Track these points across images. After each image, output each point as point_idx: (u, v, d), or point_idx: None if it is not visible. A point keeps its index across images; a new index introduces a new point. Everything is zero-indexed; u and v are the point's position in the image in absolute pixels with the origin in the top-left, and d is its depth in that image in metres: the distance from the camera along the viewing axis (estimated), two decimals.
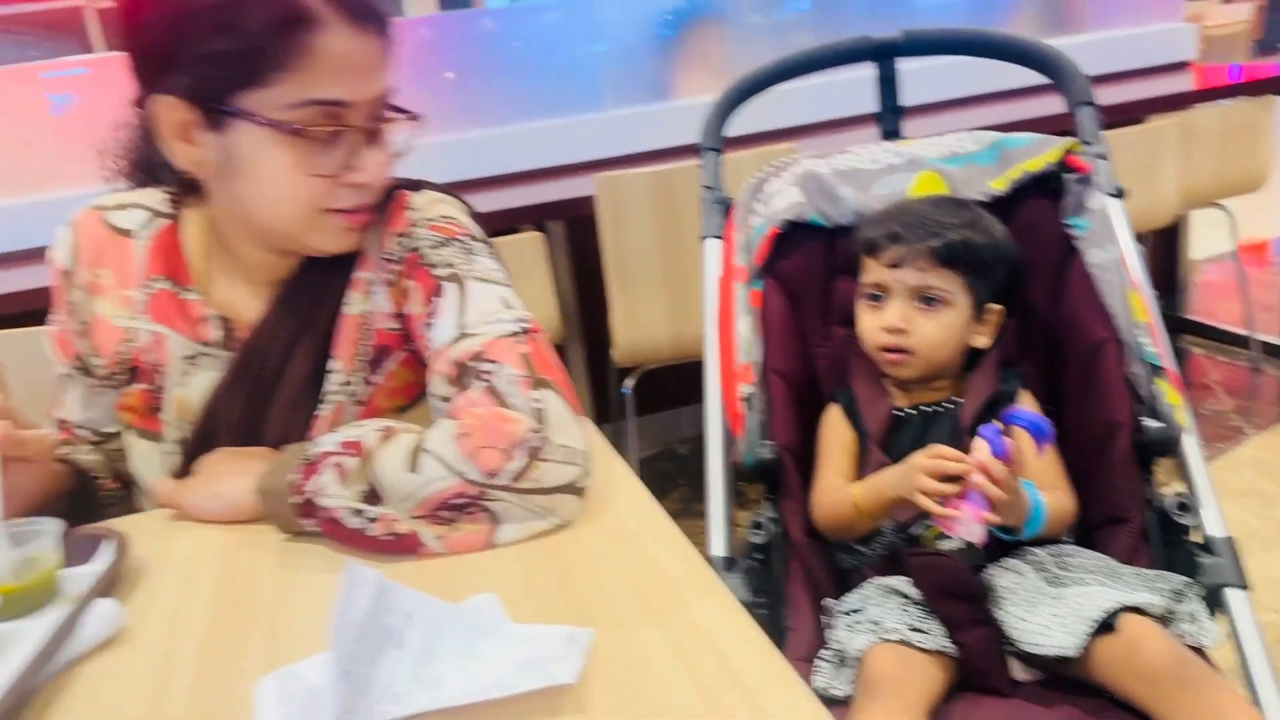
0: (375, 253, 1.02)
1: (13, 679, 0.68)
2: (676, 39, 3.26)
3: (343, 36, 0.89)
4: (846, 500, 1.12)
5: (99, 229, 1.05)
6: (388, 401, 1.04)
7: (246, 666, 0.71)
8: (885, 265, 1.18)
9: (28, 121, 3.06)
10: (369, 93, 0.93)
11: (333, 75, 0.89)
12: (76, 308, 1.05)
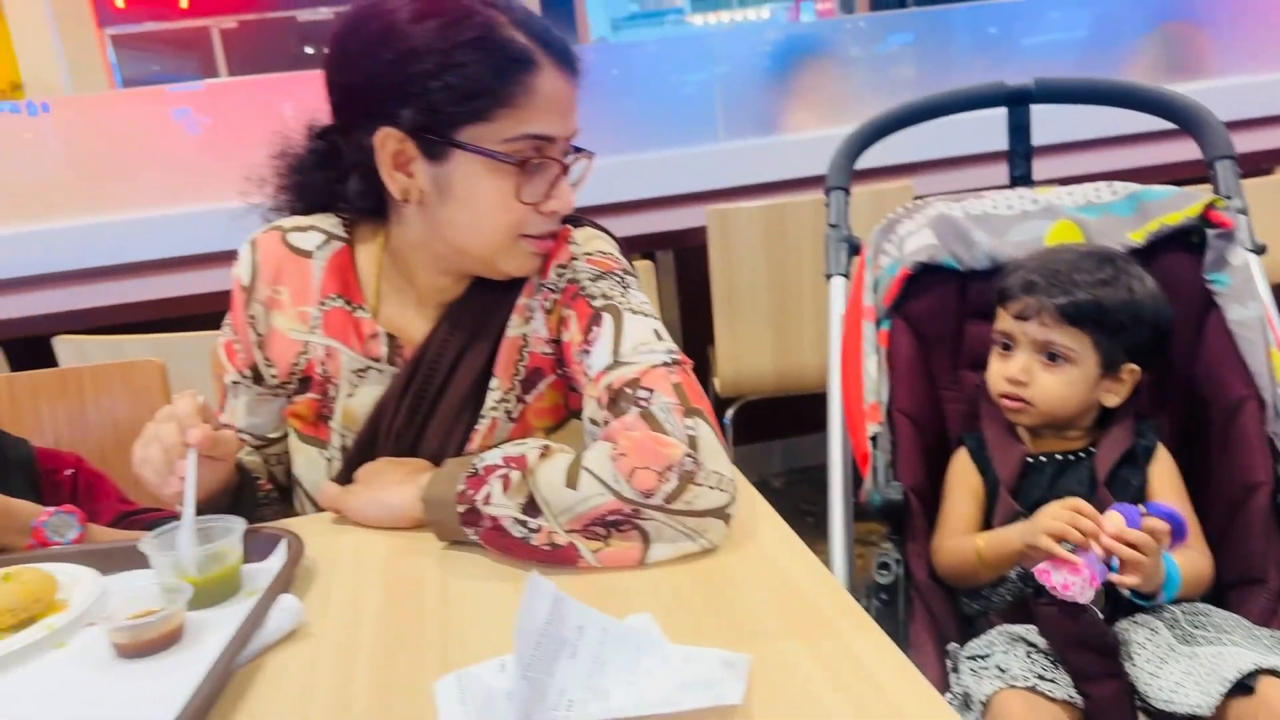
0: (537, 281, 1.08)
1: (210, 665, 0.74)
2: (785, 73, 3.31)
3: (553, 78, 0.98)
4: (970, 549, 1.13)
5: (279, 248, 1.13)
6: (537, 421, 1.09)
7: (423, 666, 0.75)
8: (1013, 316, 1.19)
9: (158, 139, 3.25)
10: (569, 129, 1.01)
11: (545, 112, 0.98)
12: (255, 321, 1.13)
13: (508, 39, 0.96)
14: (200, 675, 0.73)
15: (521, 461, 0.89)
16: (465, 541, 0.92)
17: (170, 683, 0.75)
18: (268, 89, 3.61)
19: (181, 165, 3.29)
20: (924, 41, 3.48)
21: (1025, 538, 1.06)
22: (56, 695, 0.76)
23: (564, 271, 1.07)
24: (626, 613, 0.78)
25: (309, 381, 1.11)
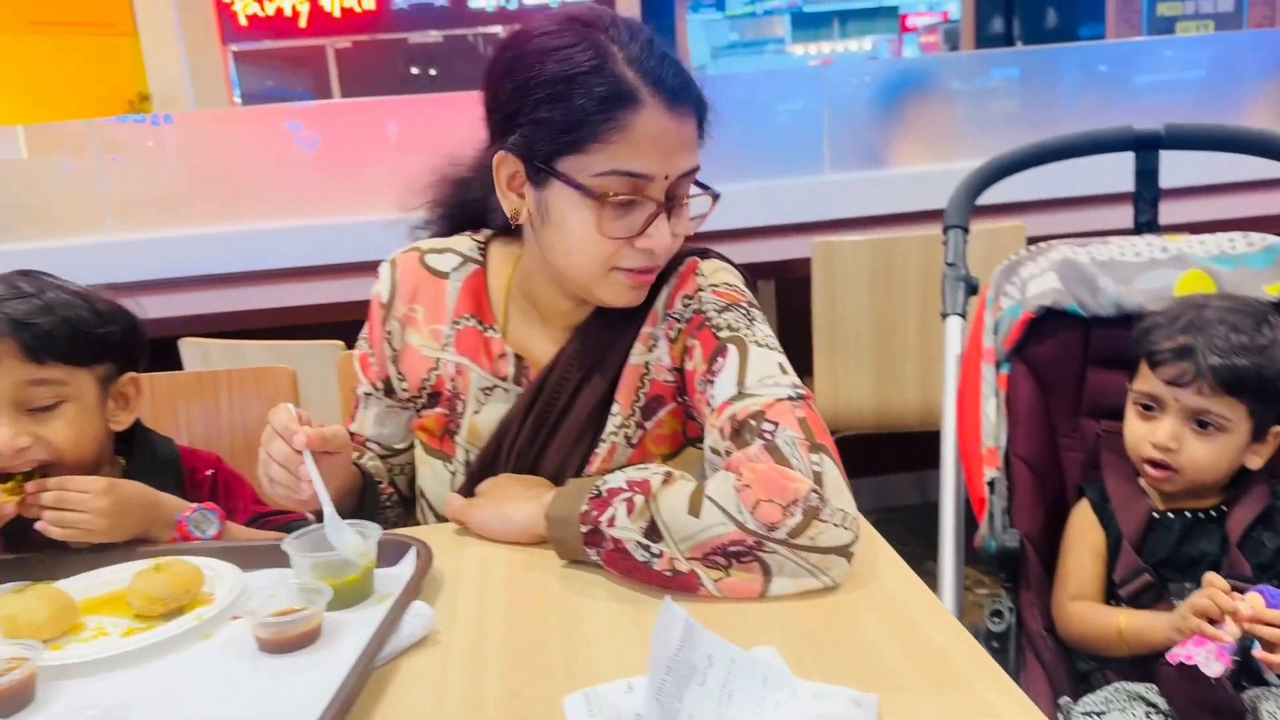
0: (662, 310, 1.10)
1: (351, 665, 0.77)
2: (891, 107, 3.29)
3: (656, 117, 0.97)
4: (1110, 626, 1.10)
5: (417, 268, 1.17)
6: (655, 448, 1.11)
7: (550, 680, 0.77)
8: (1165, 380, 1.13)
9: (273, 154, 3.40)
10: (672, 169, 1.00)
11: (640, 151, 0.97)
12: (391, 336, 1.17)
13: (615, 75, 0.96)
14: (340, 675, 0.76)
15: (645, 486, 0.91)
16: (585, 561, 0.94)
17: (310, 679, 0.78)
18: (376, 110, 3.74)
19: (294, 180, 3.43)
20: (1033, 78, 3.43)
21: (1169, 631, 1.03)
22: (204, 683, 0.80)
23: (690, 302, 1.09)
24: (749, 644, 0.78)
25: (438, 397, 1.15)
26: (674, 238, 1.03)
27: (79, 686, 0.80)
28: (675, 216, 1.03)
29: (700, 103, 1.02)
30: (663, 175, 0.99)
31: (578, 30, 0.98)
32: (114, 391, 1.11)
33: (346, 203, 3.39)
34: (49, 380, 1.04)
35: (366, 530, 0.94)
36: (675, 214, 1.03)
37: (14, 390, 1.02)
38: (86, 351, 1.07)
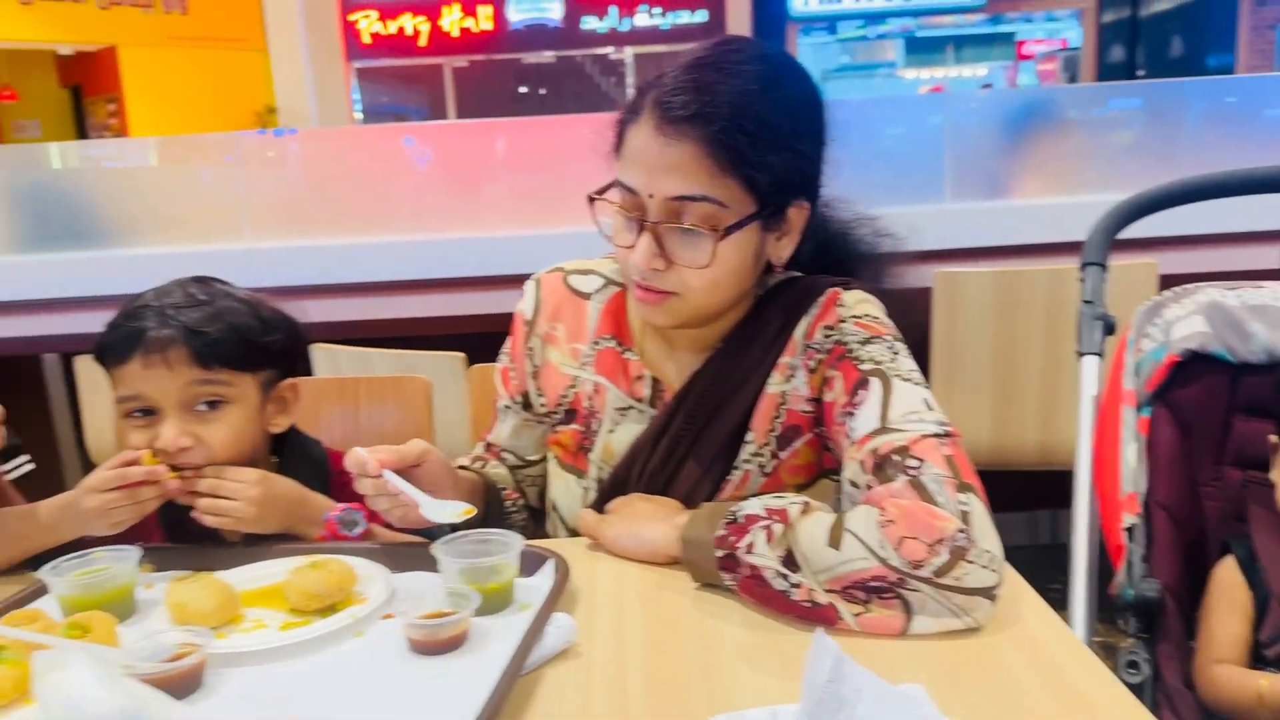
0: (801, 340, 1.10)
1: (502, 672, 0.79)
2: (1013, 136, 3.22)
3: (644, 134, 0.99)
4: (1251, 689, 1.05)
5: (560, 288, 1.21)
6: (790, 478, 1.11)
7: (690, 701, 0.78)
8: None
9: (391, 171, 3.53)
10: (656, 189, 0.99)
11: (629, 164, 1.02)
12: (533, 353, 1.21)
13: (639, 90, 1.03)
14: (488, 680, 0.78)
15: (784, 515, 0.91)
16: (718, 585, 0.95)
17: (459, 683, 0.81)
18: (488, 131, 3.84)
19: (415, 195, 3.55)
20: (1160, 111, 3.32)
21: None
22: (357, 679, 0.84)
23: (831, 333, 1.09)
24: (893, 681, 0.78)
25: (574, 414, 1.18)
26: (660, 261, 1.00)
27: (241, 675, 0.85)
28: (670, 242, 1.01)
29: (718, 135, 0.96)
30: (648, 193, 1.00)
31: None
32: (274, 395, 1.17)
33: (464, 219, 3.49)
34: (215, 384, 1.10)
35: (509, 540, 0.97)
36: (669, 239, 1.01)
37: (182, 392, 1.09)
38: (251, 358, 1.13)
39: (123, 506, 1.03)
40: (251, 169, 3.36)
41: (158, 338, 1.07)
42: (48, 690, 0.72)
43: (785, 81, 1.03)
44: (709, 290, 1.03)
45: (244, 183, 3.30)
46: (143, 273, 3.36)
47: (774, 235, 1.06)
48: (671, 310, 1.06)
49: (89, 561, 0.97)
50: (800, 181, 1.04)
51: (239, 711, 0.79)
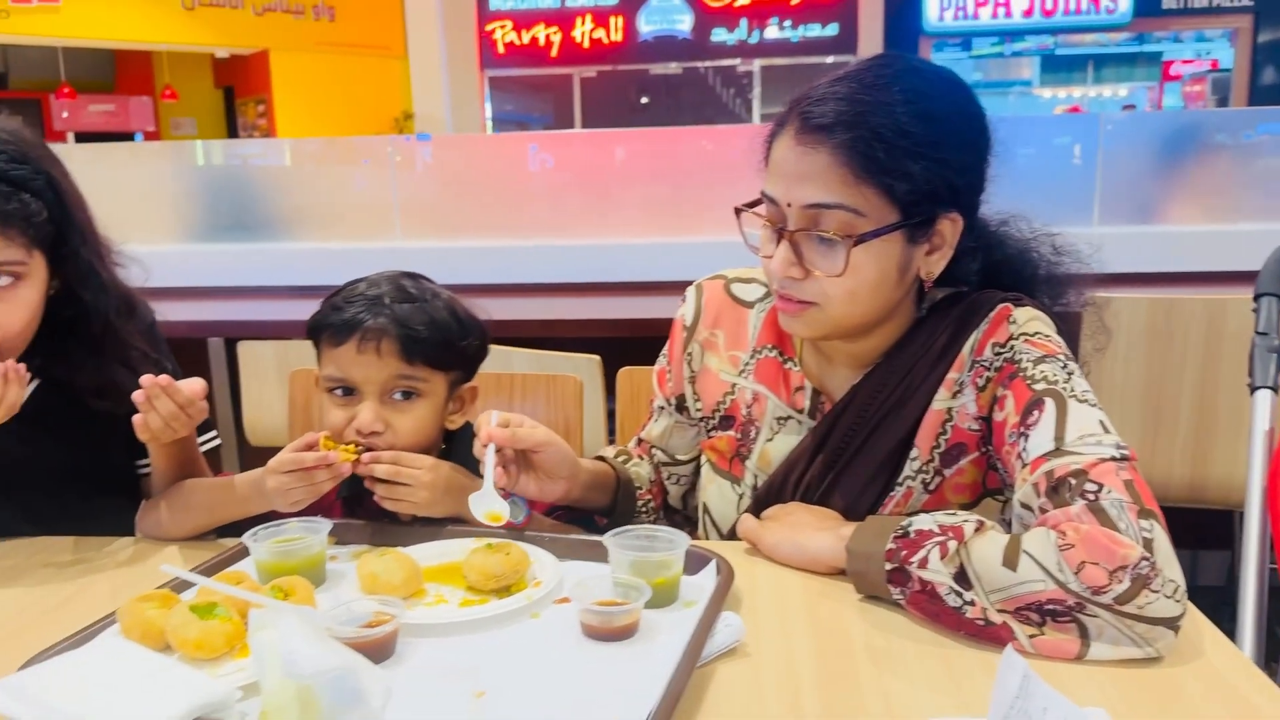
0: (969, 357, 1.09)
1: (678, 662, 0.81)
2: (1168, 160, 3.10)
3: (786, 143, 1.03)
4: None
5: (721, 295, 1.23)
6: (953, 496, 1.11)
7: (863, 709, 0.79)
8: None
9: (512, 178, 3.63)
10: (793, 196, 1.01)
11: (772, 173, 1.05)
12: (691, 358, 1.24)
13: (785, 105, 1.05)
14: (660, 669, 0.80)
15: (958, 532, 0.91)
16: (882, 598, 0.95)
17: (633, 670, 0.84)
18: (624, 140, 3.91)
19: (543, 201, 3.64)
20: None
21: None
22: (533, 658, 0.88)
23: (1001, 350, 1.07)
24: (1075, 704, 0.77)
25: (731, 420, 1.20)
26: (797, 270, 1.03)
27: (427, 645, 0.89)
28: (808, 251, 1.03)
29: (853, 143, 0.98)
30: (786, 202, 1.02)
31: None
32: (456, 395, 1.24)
33: (596, 225, 3.57)
34: (413, 378, 1.16)
35: (676, 538, 0.99)
36: (807, 248, 1.03)
37: (385, 381, 1.15)
38: (447, 358, 1.19)
39: (299, 488, 1.10)
40: (404, 170, 3.51)
41: (374, 327, 1.14)
42: (262, 645, 0.78)
43: (932, 93, 1.02)
44: (848, 301, 1.04)
45: (397, 184, 3.45)
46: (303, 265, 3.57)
47: (922, 248, 1.05)
48: (811, 321, 1.06)
49: (282, 531, 1.05)
50: (948, 192, 1.02)
51: (428, 679, 0.84)
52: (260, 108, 10.40)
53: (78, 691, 0.77)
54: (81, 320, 1.23)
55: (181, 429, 1.15)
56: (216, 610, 0.88)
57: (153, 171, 3.72)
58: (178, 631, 0.85)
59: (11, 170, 1.12)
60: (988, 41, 10.58)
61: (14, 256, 1.12)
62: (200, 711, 0.75)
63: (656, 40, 10.06)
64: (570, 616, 0.93)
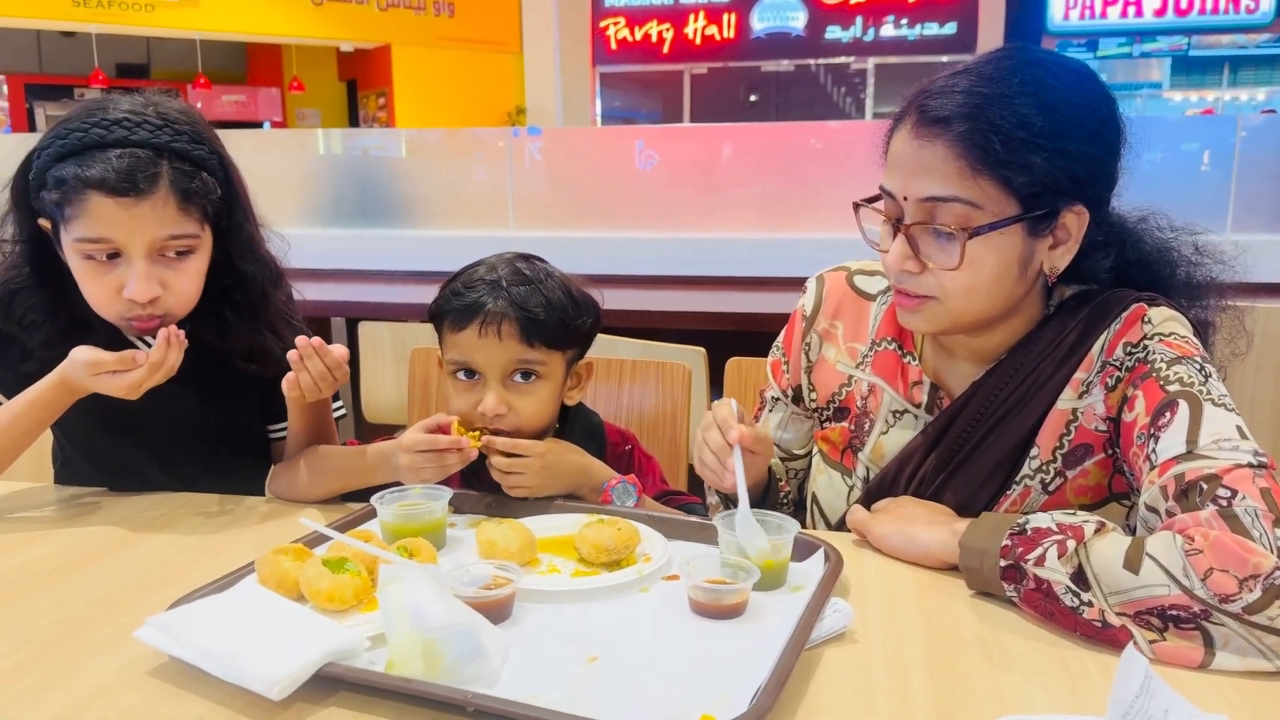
0: (1099, 356, 1.06)
1: (787, 642, 0.82)
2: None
3: (903, 137, 1.02)
4: None
5: (843, 287, 1.23)
6: (1074, 498, 1.08)
7: (976, 699, 0.79)
8: None
9: (621, 172, 3.66)
10: (909, 190, 1.01)
11: (891, 167, 1.04)
12: (809, 348, 1.24)
13: (904, 100, 1.04)
14: (767, 648, 0.82)
15: (1078, 532, 0.89)
16: (995, 594, 0.94)
17: (740, 647, 0.86)
18: (720, 135, 3.91)
19: (642, 194, 3.67)
20: None
21: None
22: (644, 630, 0.90)
23: (1134, 351, 1.04)
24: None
25: (845, 412, 1.20)
26: (913, 263, 1.02)
27: (541, 611, 0.92)
28: (924, 245, 1.02)
29: (969, 135, 0.97)
30: (903, 195, 1.01)
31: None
32: (573, 372, 1.27)
33: (705, 219, 3.58)
34: (533, 360, 1.20)
35: (785, 524, 1.00)
36: (923, 242, 1.02)
37: (506, 365, 1.19)
38: (564, 338, 1.22)
39: (429, 468, 1.15)
40: (519, 162, 3.59)
41: (494, 311, 1.17)
42: (390, 598, 0.82)
43: (1054, 83, 0.99)
44: (966, 295, 1.02)
45: (513, 175, 3.53)
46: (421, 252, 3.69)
47: (1045, 242, 1.02)
48: (929, 316, 1.05)
49: (406, 496, 1.10)
50: (1071, 185, 0.99)
51: (544, 642, 0.87)
52: (381, 100, 10.76)
53: (221, 631, 0.83)
54: (238, 288, 1.30)
55: (326, 390, 1.21)
56: (347, 565, 0.93)
57: (278, 158, 3.90)
58: (311, 583, 0.91)
59: (193, 150, 1.20)
60: (1115, 42, 10.16)
61: (191, 230, 1.20)
62: (332, 657, 0.79)
63: (769, 37, 10.00)
64: (678, 592, 0.95)
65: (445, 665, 0.78)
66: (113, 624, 0.92)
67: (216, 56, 10.98)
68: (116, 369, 1.14)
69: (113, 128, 1.16)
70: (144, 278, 1.17)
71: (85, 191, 1.14)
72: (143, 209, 1.15)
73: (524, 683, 0.78)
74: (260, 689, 0.76)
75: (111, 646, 0.87)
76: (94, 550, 1.11)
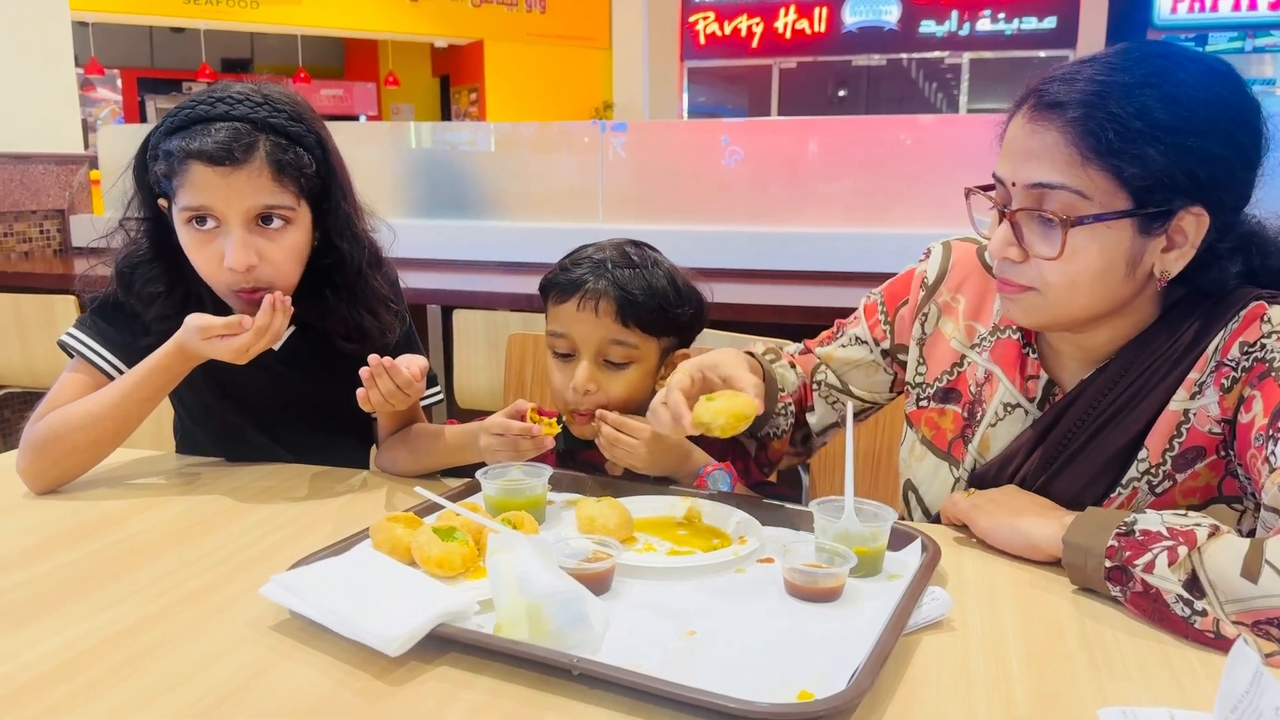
0: (1214, 356, 1.02)
1: (884, 627, 0.83)
2: None
3: (1018, 122, 1.00)
4: None
5: (972, 259, 1.21)
6: (1182, 500, 1.04)
7: (1076, 687, 0.78)
8: None
9: (708, 165, 3.66)
10: (1017, 175, 0.99)
11: (1003, 153, 1.02)
12: (926, 319, 1.22)
13: (1025, 86, 1.02)
14: (863, 633, 0.83)
15: (1190, 537, 0.87)
16: (1098, 592, 0.93)
17: (836, 630, 0.87)
18: (809, 129, 3.87)
19: (731, 188, 3.67)
20: None
21: None
22: (741, 609, 0.91)
23: (1251, 350, 1.00)
24: None
25: (952, 395, 1.18)
26: (1015, 251, 1.00)
27: (637, 586, 0.95)
28: (1028, 232, 1.00)
29: (1082, 120, 0.94)
30: (1011, 181, 1.00)
31: None
32: (669, 361, 1.29)
33: (794, 214, 3.56)
34: (627, 342, 1.23)
35: (881, 512, 1.01)
36: (1028, 229, 1.00)
37: (601, 344, 1.23)
38: (662, 325, 1.25)
39: (503, 451, 1.19)
40: (609, 156, 3.62)
41: (594, 289, 1.21)
42: (499, 565, 0.85)
43: (1182, 77, 0.95)
44: (1068, 289, 0.99)
45: (604, 168, 3.57)
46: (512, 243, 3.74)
47: (1158, 242, 0.98)
48: (1029, 307, 1.03)
49: (507, 473, 1.13)
50: (1190, 184, 0.94)
51: (644, 616, 0.89)
52: (473, 96, 10.96)
53: (341, 591, 0.87)
54: (337, 269, 1.35)
55: (399, 404, 1.25)
56: (455, 534, 0.97)
57: (371, 150, 4.01)
58: (422, 549, 0.95)
59: (290, 127, 1.26)
60: (1225, 36, 9.75)
61: (286, 202, 1.25)
62: (445, 618, 0.83)
63: (861, 31, 9.88)
64: (773, 575, 0.96)
65: (550, 630, 0.81)
66: (235, 584, 0.97)
67: (316, 52, 11.32)
68: (225, 333, 1.20)
69: (217, 104, 1.23)
70: (240, 245, 1.22)
71: (188, 162, 1.20)
72: (239, 178, 1.21)
73: (625, 651, 0.81)
74: (379, 645, 0.80)
75: (234, 605, 0.93)
76: (211, 516, 1.17)
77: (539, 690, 0.77)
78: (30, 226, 3.98)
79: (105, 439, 1.26)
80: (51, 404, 1.28)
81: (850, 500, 1.00)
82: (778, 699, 0.73)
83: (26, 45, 3.83)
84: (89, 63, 8.97)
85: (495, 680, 0.79)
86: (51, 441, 1.24)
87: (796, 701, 0.73)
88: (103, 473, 1.30)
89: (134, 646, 0.84)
